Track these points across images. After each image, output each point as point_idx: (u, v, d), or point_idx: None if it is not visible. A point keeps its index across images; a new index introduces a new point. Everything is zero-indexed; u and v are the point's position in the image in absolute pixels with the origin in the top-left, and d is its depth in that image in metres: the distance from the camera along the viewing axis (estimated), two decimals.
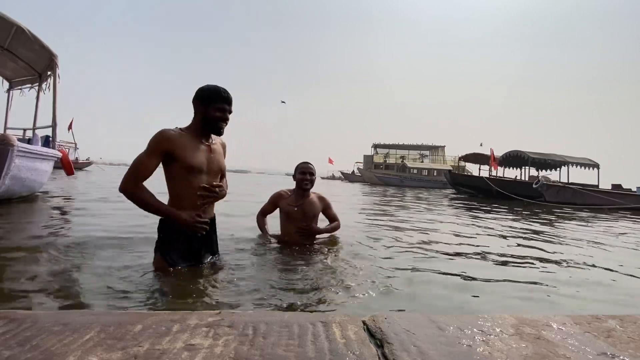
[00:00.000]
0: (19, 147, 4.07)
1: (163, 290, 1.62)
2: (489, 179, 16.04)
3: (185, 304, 1.50)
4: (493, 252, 3.01)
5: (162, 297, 1.55)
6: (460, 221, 5.48)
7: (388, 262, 2.35)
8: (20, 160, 4.19)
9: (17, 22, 4.88)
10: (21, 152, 4.16)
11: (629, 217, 8.62)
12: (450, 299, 1.73)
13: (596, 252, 3.46)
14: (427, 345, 0.87)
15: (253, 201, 4.98)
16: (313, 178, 2.76)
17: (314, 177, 2.76)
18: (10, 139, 3.92)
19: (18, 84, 6.62)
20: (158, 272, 1.79)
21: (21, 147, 4.14)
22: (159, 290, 1.61)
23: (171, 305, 1.48)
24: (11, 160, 3.95)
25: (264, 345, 0.83)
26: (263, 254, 2.38)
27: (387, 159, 37.59)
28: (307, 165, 2.78)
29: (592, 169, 15.95)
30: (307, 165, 2.79)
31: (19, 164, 4.15)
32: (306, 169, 2.77)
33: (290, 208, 2.73)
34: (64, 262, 1.96)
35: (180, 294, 1.60)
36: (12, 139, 3.97)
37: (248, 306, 1.50)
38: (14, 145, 3.93)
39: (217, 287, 1.69)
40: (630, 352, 0.89)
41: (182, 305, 1.49)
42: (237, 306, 1.50)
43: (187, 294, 1.60)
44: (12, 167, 4.00)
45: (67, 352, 0.75)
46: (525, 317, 1.10)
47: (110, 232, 2.88)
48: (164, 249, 1.82)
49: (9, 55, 5.65)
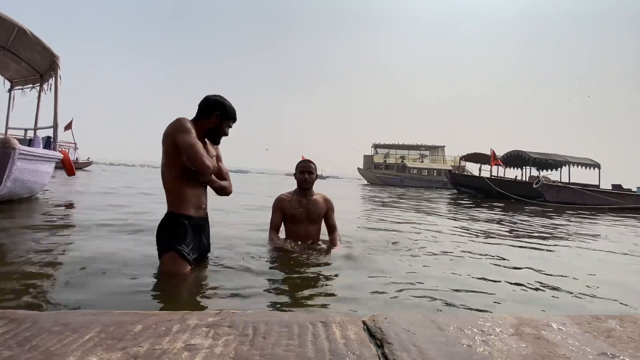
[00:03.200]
0: (21, 150, 4.07)
1: (163, 290, 1.62)
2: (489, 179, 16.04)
3: (185, 304, 1.50)
4: (493, 252, 3.01)
5: (162, 297, 1.55)
6: (460, 222, 5.48)
7: (388, 262, 2.35)
8: (22, 162, 4.20)
9: (19, 24, 4.89)
10: (23, 154, 4.16)
11: (629, 217, 8.62)
12: (450, 299, 1.73)
13: (596, 252, 3.46)
14: (427, 345, 0.87)
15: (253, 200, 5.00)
16: (312, 177, 2.68)
17: (313, 175, 2.68)
18: (12, 142, 3.92)
19: (19, 84, 6.62)
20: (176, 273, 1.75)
21: (23, 150, 4.14)
22: (159, 290, 1.61)
23: (171, 305, 1.48)
24: (13, 163, 3.96)
25: (264, 346, 0.83)
26: (263, 254, 2.38)
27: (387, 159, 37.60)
28: (306, 164, 2.70)
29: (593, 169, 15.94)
30: (306, 163, 2.70)
31: (20, 166, 4.16)
32: (305, 167, 2.69)
33: (294, 210, 2.67)
34: (64, 262, 1.97)
35: (180, 294, 1.60)
36: (14, 142, 3.97)
37: (248, 306, 1.50)
38: (15, 149, 3.93)
39: (217, 287, 1.69)
40: (630, 352, 0.89)
41: (182, 305, 1.49)
42: (237, 306, 1.50)
43: (187, 294, 1.61)
44: (13, 169, 4.01)
45: (67, 352, 0.75)
46: (525, 317, 1.10)
47: (111, 232, 2.88)
48: (177, 245, 1.79)
49: (10, 55, 5.66)
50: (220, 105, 1.94)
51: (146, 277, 1.74)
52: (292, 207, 2.67)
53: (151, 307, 1.43)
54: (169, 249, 1.78)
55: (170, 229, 1.82)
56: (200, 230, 1.97)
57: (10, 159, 3.90)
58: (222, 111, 1.94)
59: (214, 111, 1.92)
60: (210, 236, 2.12)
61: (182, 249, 1.78)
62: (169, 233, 1.81)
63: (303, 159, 2.78)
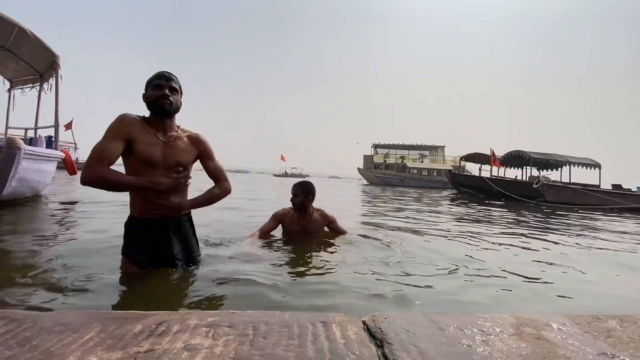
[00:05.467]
0: (26, 150, 4.08)
1: (163, 290, 1.62)
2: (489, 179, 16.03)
3: (185, 304, 1.50)
4: (493, 252, 3.01)
5: (162, 297, 1.55)
6: (460, 221, 5.48)
7: (388, 262, 2.34)
8: (27, 162, 4.21)
9: (19, 24, 4.90)
10: (27, 154, 4.17)
11: (629, 217, 8.62)
12: (450, 299, 1.73)
13: (596, 251, 3.46)
14: (427, 345, 0.87)
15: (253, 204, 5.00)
16: (296, 199, 2.76)
17: (297, 198, 2.76)
18: (17, 143, 3.93)
19: (19, 83, 6.62)
20: (125, 275, 1.72)
21: (28, 149, 4.15)
22: (159, 290, 1.61)
23: (171, 305, 1.48)
24: (18, 163, 3.97)
25: (264, 346, 0.83)
26: (263, 254, 2.38)
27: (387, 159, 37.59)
28: (293, 189, 2.81)
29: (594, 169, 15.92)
30: (294, 188, 2.81)
31: (25, 166, 4.17)
32: (293, 192, 2.80)
33: (293, 227, 2.82)
34: (64, 263, 1.96)
35: (180, 294, 1.60)
36: (20, 142, 3.98)
37: (248, 306, 1.50)
38: (20, 149, 3.94)
39: (216, 288, 1.69)
40: (630, 352, 0.89)
41: (182, 305, 1.49)
42: (237, 306, 1.50)
43: (186, 294, 1.60)
44: (19, 169, 4.02)
45: (67, 352, 0.75)
46: (525, 317, 1.10)
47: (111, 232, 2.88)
48: (129, 250, 1.74)
49: (10, 55, 5.66)
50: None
51: (146, 278, 1.74)
52: (291, 223, 2.78)
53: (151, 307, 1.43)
54: (122, 252, 1.78)
55: (125, 231, 1.78)
56: (160, 233, 1.77)
57: (16, 159, 3.91)
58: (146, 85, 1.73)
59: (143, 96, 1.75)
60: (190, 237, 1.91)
61: (131, 253, 1.74)
62: (124, 236, 1.77)
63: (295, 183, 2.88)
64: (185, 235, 1.88)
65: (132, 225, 1.77)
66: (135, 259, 1.73)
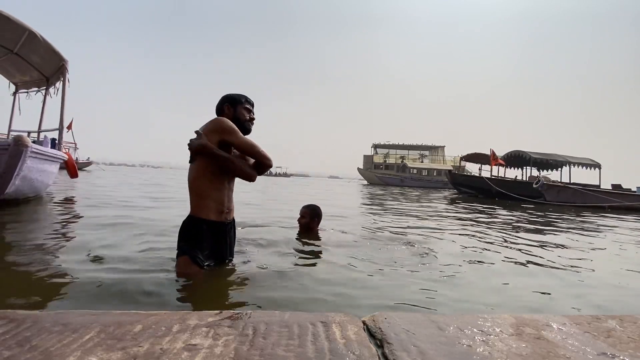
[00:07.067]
0: (32, 149, 4.09)
1: (163, 290, 1.62)
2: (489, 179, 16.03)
3: (185, 304, 1.50)
4: (493, 252, 3.01)
5: (162, 297, 1.55)
6: (460, 221, 5.48)
7: (388, 262, 2.34)
8: (31, 161, 4.22)
9: (29, 27, 4.91)
10: (33, 153, 4.18)
11: (629, 217, 8.62)
12: (450, 299, 1.73)
13: (595, 251, 3.46)
14: (427, 345, 0.87)
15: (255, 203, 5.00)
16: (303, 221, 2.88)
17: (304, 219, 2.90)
18: (25, 140, 3.94)
19: (25, 87, 6.61)
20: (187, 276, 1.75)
21: (34, 148, 4.16)
22: (158, 290, 1.61)
23: (171, 305, 1.48)
24: (24, 162, 3.97)
25: (264, 346, 0.83)
26: (263, 254, 2.38)
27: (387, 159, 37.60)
28: (302, 209, 2.95)
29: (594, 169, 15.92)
30: (302, 208, 2.95)
31: (29, 165, 4.18)
32: (300, 212, 2.94)
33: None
34: (64, 263, 1.96)
35: (180, 294, 1.60)
36: (27, 140, 3.99)
37: (248, 306, 1.50)
38: (27, 147, 3.94)
39: (217, 287, 1.69)
40: (630, 352, 0.89)
41: (182, 305, 1.49)
42: (237, 306, 1.50)
43: (187, 294, 1.60)
44: (24, 167, 4.03)
45: (67, 352, 0.75)
46: (525, 317, 1.10)
47: (111, 232, 2.88)
48: (193, 250, 1.80)
49: (18, 59, 5.67)
50: (225, 97, 2.00)
51: (147, 277, 1.74)
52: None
53: (151, 307, 1.43)
54: (183, 253, 1.82)
55: (188, 232, 1.84)
56: (221, 235, 1.93)
57: (22, 156, 3.92)
58: (229, 100, 1.97)
59: (223, 105, 1.97)
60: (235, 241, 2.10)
61: (195, 254, 1.79)
62: (186, 236, 1.84)
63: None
64: (234, 236, 2.08)
65: (197, 227, 1.84)
66: (198, 259, 1.81)
